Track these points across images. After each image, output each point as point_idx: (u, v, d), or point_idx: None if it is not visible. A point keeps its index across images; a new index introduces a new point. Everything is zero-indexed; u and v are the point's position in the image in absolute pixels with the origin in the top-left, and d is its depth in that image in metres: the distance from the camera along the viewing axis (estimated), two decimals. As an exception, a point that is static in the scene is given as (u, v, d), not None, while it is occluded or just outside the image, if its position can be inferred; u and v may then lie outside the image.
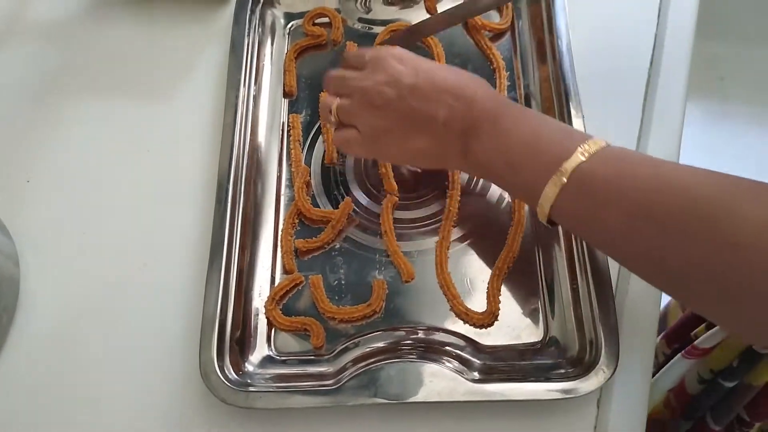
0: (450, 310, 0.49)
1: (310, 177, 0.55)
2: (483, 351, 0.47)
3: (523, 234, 0.50)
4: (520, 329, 0.48)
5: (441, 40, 0.60)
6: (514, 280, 0.49)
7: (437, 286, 0.50)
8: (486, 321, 0.48)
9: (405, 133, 0.46)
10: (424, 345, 0.48)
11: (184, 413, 0.47)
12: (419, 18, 0.61)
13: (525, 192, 0.43)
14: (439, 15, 0.60)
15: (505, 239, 0.50)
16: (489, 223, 0.52)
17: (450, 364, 0.46)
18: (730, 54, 1.57)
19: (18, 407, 0.49)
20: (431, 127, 0.45)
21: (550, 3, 0.58)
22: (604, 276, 0.46)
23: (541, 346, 0.47)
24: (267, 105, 0.59)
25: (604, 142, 0.41)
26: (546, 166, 0.41)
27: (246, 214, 0.52)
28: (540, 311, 0.48)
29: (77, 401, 0.48)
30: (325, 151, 0.56)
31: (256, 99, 0.58)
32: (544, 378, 0.45)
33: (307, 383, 0.46)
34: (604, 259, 0.47)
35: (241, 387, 0.45)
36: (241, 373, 0.47)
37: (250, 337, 0.49)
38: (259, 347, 0.49)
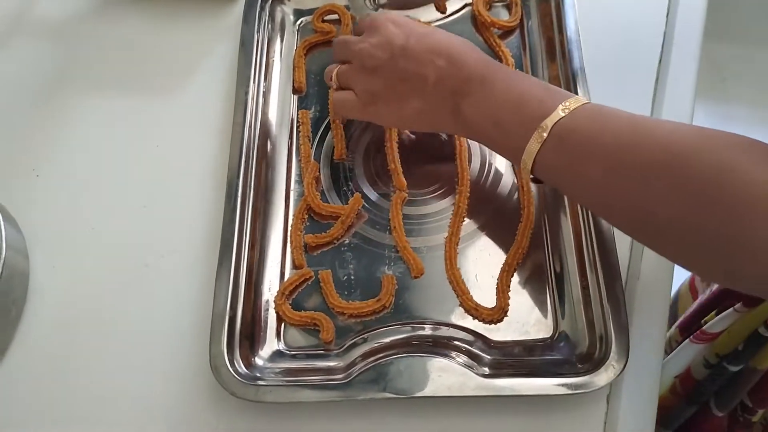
0: (459, 305, 0.49)
1: (320, 172, 0.55)
2: (492, 346, 0.47)
3: (532, 229, 0.51)
4: (530, 325, 0.48)
5: (450, 37, 0.60)
6: (523, 275, 0.50)
7: (446, 281, 0.50)
8: (495, 316, 0.48)
9: (398, 95, 0.47)
10: (434, 340, 0.48)
11: (194, 406, 0.47)
12: (428, 15, 0.61)
13: (511, 151, 0.44)
14: None
15: (514, 235, 0.51)
16: (498, 218, 0.52)
17: (459, 359, 0.46)
18: (734, 56, 1.57)
19: (27, 399, 0.49)
20: (422, 88, 0.46)
21: (559, 1, 0.58)
22: (614, 271, 0.46)
23: (551, 341, 0.47)
24: (276, 101, 0.59)
25: (585, 100, 0.42)
26: (529, 122, 0.42)
27: (256, 210, 0.52)
28: (549, 307, 0.48)
29: (86, 393, 0.49)
30: (334, 147, 0.56)
31: (266, 95, 0.58)
32: (554, 373, 0.45)
33: (316, 378, 0.46)
34: (614, 254, 0.47)
35: (250, 381, 0.45)
36: (250, 367, 0.47)
37: (260, 332, 0.49)
38: (269, 342, 0.49)
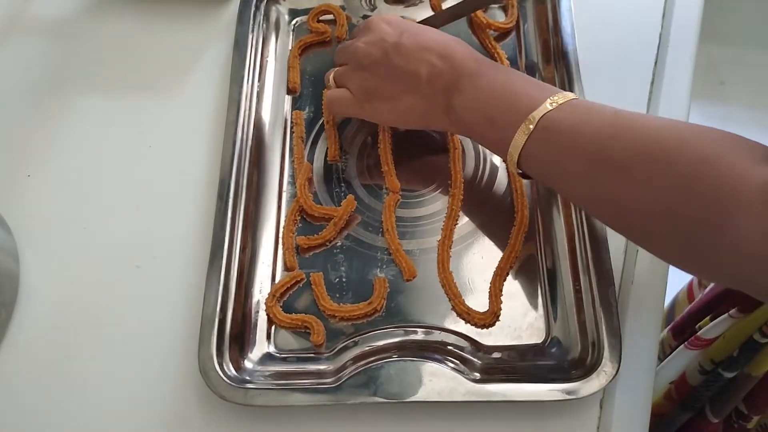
0: (451, 309, 0.48)
1: (313, 174, 0.55)
2: (484, 351, 0.47)
3: (525, 234, 0.50)
4: (522, 329, 0.48)
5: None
6: (516, 280, 0.49)
7: (439, 285, 0.49)
8: (487, 321, 0.48)
9: (392, 92, 0.48)
10: (425, 344, 0.47)
11: (183, 410, 0.47)
12: (424, 15, 0.60)
13: (502, 146, 0.44)
14: (444, 11, 0.60)
15: (507, 239, 0.50)
16: (491, 222, 0.52)
17: (451, 364, 0.46)
18: (731, 58, 1.57)
19: (16, 403, 0.48)
20: (415, 85, 0.47)
21: (555, 3, 0.58)
22: (607, 276, 0.46)
23: (543, 346, 0.47)
24: (270, 101, 0.58)
25: (573, 95, 0.43)
26: (517, 116, 0.42)
27: (247, 211, 0.52)
28: (542, 311, 0.48)
29: (76, 397, 0.48)
30: (327, 149, 0.56)
31: (260, 95, 0.58)
32: (546, 379, 0.44)
33: (306, 381, 0.46)
34: (607, 258, 0.47)
35: (240, 384, 0.45)
36: (240, 370, 0.46)
37: (250, 334, 0.49)
38: (259, 344, 0.48)
